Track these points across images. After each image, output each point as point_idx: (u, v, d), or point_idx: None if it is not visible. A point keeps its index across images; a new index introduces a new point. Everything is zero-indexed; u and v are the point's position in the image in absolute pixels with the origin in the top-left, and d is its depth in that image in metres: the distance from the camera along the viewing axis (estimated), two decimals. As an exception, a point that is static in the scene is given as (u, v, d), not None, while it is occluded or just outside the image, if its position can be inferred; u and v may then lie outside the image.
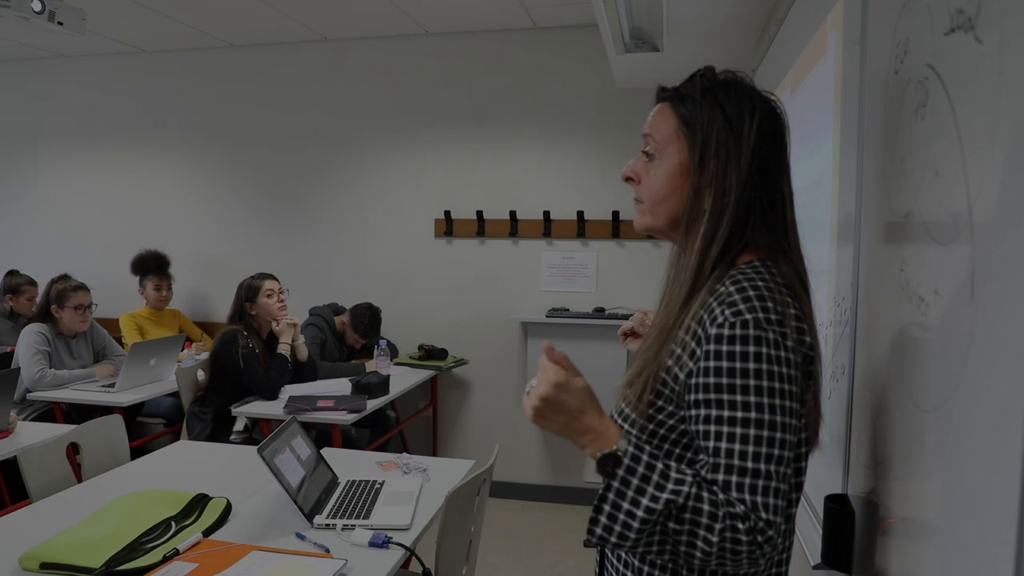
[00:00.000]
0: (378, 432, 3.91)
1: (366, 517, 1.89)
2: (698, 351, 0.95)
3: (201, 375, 3.52)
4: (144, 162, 5.01)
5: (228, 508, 1.94)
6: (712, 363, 0.93)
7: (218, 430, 3.29)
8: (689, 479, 0.89)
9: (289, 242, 4.73)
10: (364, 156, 4.57)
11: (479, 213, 4.37)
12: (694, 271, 1.03)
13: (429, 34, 4.44)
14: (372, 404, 3.24)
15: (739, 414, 0.90)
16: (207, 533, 1.79)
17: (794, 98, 2.09)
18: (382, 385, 3.38)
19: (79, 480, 2.35)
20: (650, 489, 0.89)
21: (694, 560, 0.89)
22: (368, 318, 4.02)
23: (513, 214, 4.32)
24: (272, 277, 3.47)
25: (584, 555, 3.56)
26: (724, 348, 0.92)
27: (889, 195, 1.06)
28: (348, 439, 3.57)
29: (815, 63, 1.81)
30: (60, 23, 3.09)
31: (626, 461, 0.91)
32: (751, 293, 0.94)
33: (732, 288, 0.96)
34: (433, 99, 4.44)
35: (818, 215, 1.66)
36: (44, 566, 1.61)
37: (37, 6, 2.99)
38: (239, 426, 3.24)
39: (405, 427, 4.34)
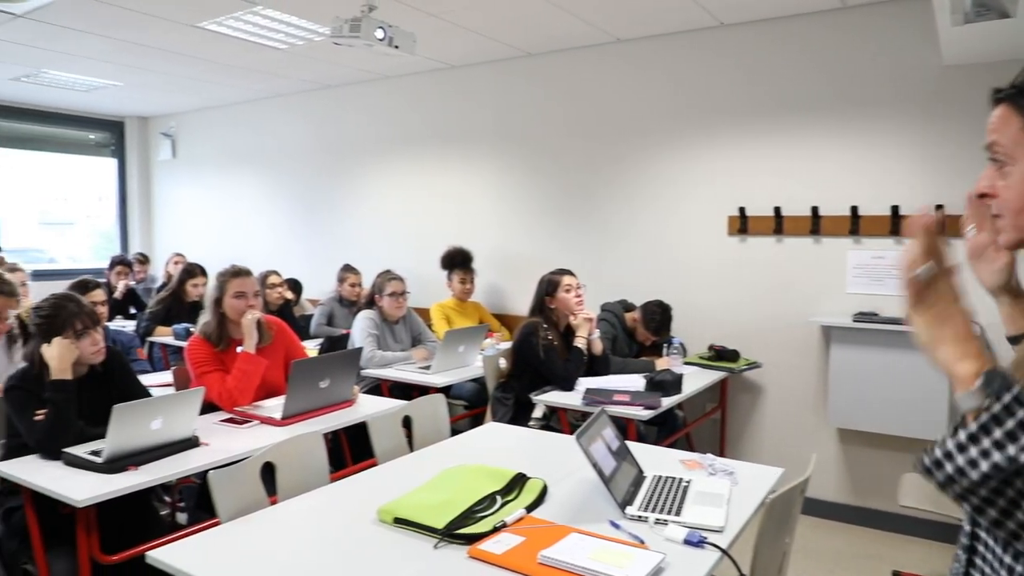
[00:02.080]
0: (666, 431, 3.89)
1: (677, 514, 1.88)
2: None
3: (503, 363, 3.78)
4: (453, 167, 5.53)
5: (545, 489, 2.05)
6: None
7: (518, 415, 3.51)
8: None
9: (582, 239, 4.90)
10: (656, 154, 4.57)
11: (776, 210, 4.14)
12: None
13: (724, 25, 4.31)
14: (666, 402, 3.23)
15: None
16: (529, 510, 1.91)
17: None
18: (676, 383, 3.35)
19: (411, 449, 2.65)
20: None
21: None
22: (660, 315, 4.02)
23: (815, 210, 4.02)
24: (571, 273, 3.61)
25: (896, 587, 3.21)
26: None
27: None
28: (638, 435, 3.59)
29: None
30: (396, 47, 3.51)
31: (1020, 387, 0.79)
32: None
33: None
34: (727, 92, 4.30)
35: None
36: (397, 520, 1.83)
37: (380, 34, 3.43)
38: (538, 413, 3.42)
39: (692, 428, 4.26)
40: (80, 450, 2.33)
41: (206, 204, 7.34)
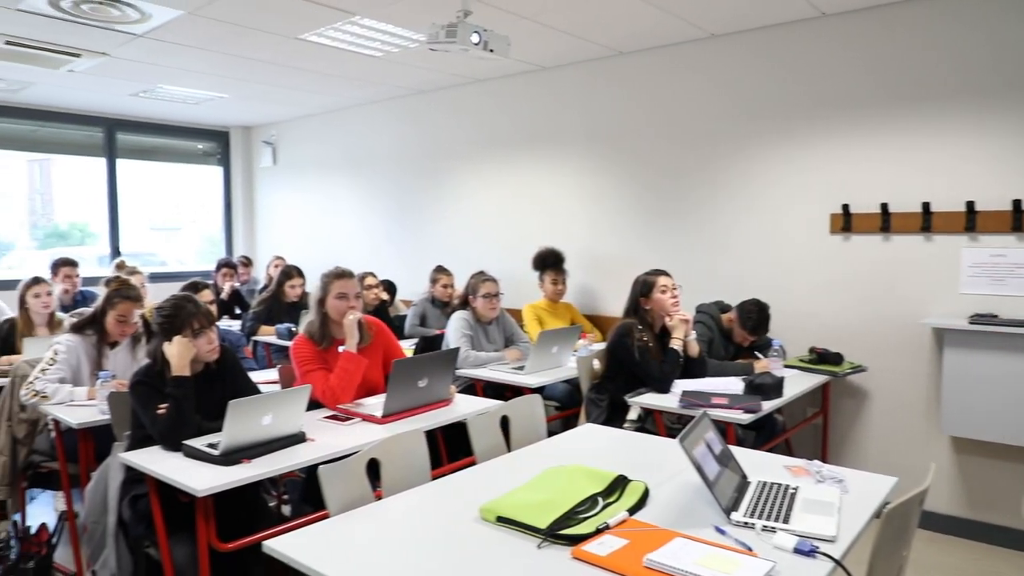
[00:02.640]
0: (764, 436, 3.76)
1: (786, 521, 1.82)
2: None
3: (597, 364, 3.75)
4: (543, 168, 5.55)
5: (646, 492, 2.02)
6: None
7: (613, 416, 3.48)
8: None
9: (675, 240, 4.82)
10: (754, 152, 4.44)
11: (883, 206, 3.95)
12: None
13: (825, 15, 4.15)
14: (767, 406, 3.14)
15: None
16: (631, 512, 1.89)
17: None
18: (776, 387, 3.25)
19: (508, 449, 2.67)
20: None
21: None
22: (756, 314, 3.89)
23: (926, 206, 3.82)
24: (666, 274, 3.56)
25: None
26: None
27: None
28: (736, 439, 3.50)
29: None
30: (491, 50, 3.54)
31: None
32: None
33: None
34: (828, 85, 4.13)
35: None
36: (499, 519, 1.85)
37: (475, 39, 3.47)
38: (632, 415, 3.38)
39: (792, 434, 4.12)
40: (199, 443, 2.47)
41: (305, 208, 7.63)
